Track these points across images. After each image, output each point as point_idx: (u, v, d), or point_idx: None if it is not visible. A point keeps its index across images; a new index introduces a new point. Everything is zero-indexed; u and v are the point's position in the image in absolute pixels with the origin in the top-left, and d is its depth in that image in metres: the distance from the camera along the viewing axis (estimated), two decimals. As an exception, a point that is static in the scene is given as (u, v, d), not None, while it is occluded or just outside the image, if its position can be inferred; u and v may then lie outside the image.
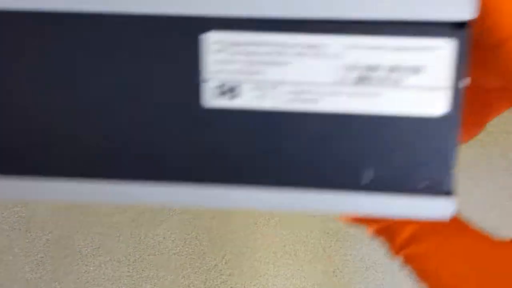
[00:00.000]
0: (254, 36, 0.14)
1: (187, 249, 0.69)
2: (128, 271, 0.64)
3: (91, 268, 0.58)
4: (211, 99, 0.14)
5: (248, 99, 0.14)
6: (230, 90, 0.14)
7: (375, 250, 0.69)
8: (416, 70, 0.14)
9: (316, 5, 0.14)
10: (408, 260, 0.17)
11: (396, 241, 0.17)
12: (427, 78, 0.14)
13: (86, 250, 0.63)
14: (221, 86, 0.14)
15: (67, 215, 0.62)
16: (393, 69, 0.14)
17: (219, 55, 0.14)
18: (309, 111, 0.14)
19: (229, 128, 0.15)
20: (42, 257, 0.50)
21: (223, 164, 0.15)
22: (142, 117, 0.15)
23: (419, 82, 0.14)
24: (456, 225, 0.17)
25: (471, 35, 0.14)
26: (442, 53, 0.14)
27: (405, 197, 0.15)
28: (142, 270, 0.65)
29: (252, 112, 0.15)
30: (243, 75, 0.14)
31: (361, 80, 0.14)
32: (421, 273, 0.16)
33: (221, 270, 0.72)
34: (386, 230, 0.17)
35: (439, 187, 0.15)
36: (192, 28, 0.14)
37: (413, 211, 0.15)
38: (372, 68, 0.14)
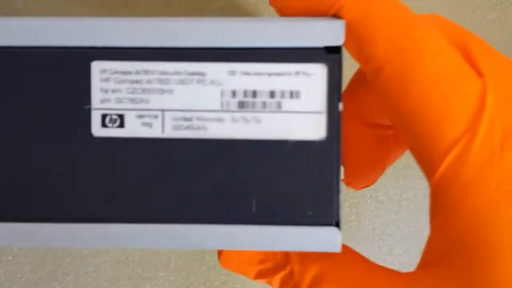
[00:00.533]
0: (138, 65, 0.14)
1: (186, 249, 0.70)
2: (128, 272, 0.64)
3: (91, 269, 0.59)
4: (99, 128, 0.15)
5: (134, 128, 0.15)
6: (116, 119, 0.15)
7: (375, 250, 0.69)
8: (294, 95, 0.14)
9: (195, 34, 0.14)
10: None
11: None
12: (304, 103, 0.14)
13: (86, 250, 0.64)
14: (107, 115, 0.15)
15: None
16: (272, 94, 0.14)
17: (105, 84, 0.14)
18: (195, 138, 0.15)
19: (116, 158, 0.15)
20: (42, 257, 0.52)
21: (111, 198, 0.15)
22: (32, 150, 0.15)
23: (297, 107, 0.14)
24: (355, 260, 0.16)
25: (341, 60, 0.14)
26: (316, 78, 0.14)
27: (292, 229, 0.15)
28: (142, 271, 0.66)
29: (139, 141, 0.15)
30: (129, 103, 0.15)
31: (244, 105, 0.14)
32: None
33: (221, 270, 0.72)
34: (290, 278, 0.16)
35: (324, 217, 0.15)
36: (78, 57, 0.14)
37: (303, 243, 0.15)
38: (253, 94, 0.14)
